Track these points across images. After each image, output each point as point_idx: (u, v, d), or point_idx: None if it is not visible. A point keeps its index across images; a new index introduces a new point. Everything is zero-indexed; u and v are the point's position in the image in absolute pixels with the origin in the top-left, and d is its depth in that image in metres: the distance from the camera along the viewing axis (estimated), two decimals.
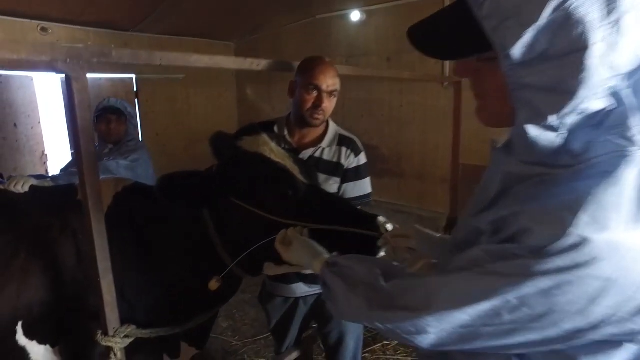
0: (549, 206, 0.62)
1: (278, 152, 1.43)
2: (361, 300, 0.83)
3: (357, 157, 1.89)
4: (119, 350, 1.31)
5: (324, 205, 1.37)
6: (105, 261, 1.22)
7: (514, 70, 0.64)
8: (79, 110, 1.10)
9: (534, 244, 0.61)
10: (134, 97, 4.47)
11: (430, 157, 3.99)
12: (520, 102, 0.67)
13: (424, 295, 0.72)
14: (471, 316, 0.66)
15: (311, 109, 1.77)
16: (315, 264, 1.04)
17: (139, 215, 1.47)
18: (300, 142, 1.89)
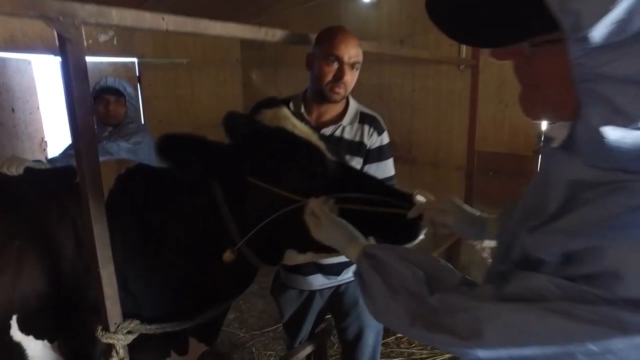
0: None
1: (301, 128, 1.30)
2: (403, 312, 0.75)
3: (380, 136, 1.77)
4: (121, 347, 1.20)
5: (355, 183, 1.23)
6: (105, 250, 1.11)
7: (591, 57, 0.51)
8: (75, 78, 0.97)
9: (628, 296, 0.52)
10: (136, 82, 4.32)
11: (444, 144, 3.85)
12: (592, 97, 0.54)
13: (474, 322, 0.64)
14: (535, 354, 0.58)
15: (331, 83, 1.63)
16: (351, 250, 0.94)
17: (144, 200, 1.35)
18: (319, 120, 1.76)
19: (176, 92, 4.65)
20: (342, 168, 1.27)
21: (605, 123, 0.53)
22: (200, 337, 1.53)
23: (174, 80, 4.64)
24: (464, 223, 1.13)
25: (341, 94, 1.66)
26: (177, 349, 1.47)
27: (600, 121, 0.54)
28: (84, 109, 0.99)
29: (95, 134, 2.68)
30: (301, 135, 1.27)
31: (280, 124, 1.28)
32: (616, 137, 0.54)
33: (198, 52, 4.81)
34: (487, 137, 3.57)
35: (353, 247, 0.94)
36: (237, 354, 2.92)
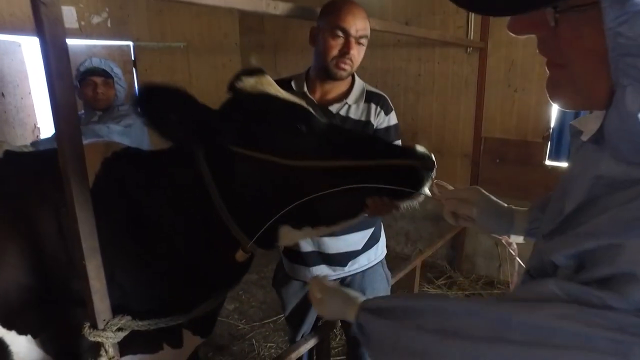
0: None
1: (286, 94, 1.20)
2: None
3: (388, 115, 1.67)
4: (110, 346, 1.10)
5: (348, 141, 1.13)
6: (91, 240, 1.01)
7: (632, 24, 0.41)
8: (52, 47, 0.86)
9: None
10: (131, 67, 4.19)
11: (449, 130, 3.74)
12: (630, 74, 0.44)
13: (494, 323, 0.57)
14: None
15: (337, 58, 1.53)
16: (349, 311, 0.89)
17: (132, 185, 1.24)
18: (323, 99, 1.65)
19: (173, 77, 4.52)
20: (332, 128, 1.17)
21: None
22: (195, 330, 1.44)
23: (171, 65, 4.50)
24: (490, 216, 1.03)
25: (347, 70, 1.55)
26: (171, 342, 1.38)
27: (637, 103, 0.45)
28: (63, 84, 0.88)
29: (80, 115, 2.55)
30: (284, 97, 1.17)
31: (262, 89, 1.18)
32: None
33: (195, 36, 4.66)
34: (494, 123, 3.46)
35: (350, 308, 0.89)
36: (236, 346, 2.84)
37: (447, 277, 3.61)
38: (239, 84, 1.19)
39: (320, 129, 1.14)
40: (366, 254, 1.81)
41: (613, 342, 0.45)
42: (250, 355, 2.75)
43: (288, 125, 1.11)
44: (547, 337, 0.50)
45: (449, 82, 3.65)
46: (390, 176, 1.04)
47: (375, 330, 0.79)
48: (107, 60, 2.58)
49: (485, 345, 0.56)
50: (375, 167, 1.06)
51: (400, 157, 1.07)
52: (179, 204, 1.23)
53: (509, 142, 3.40)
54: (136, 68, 4.23)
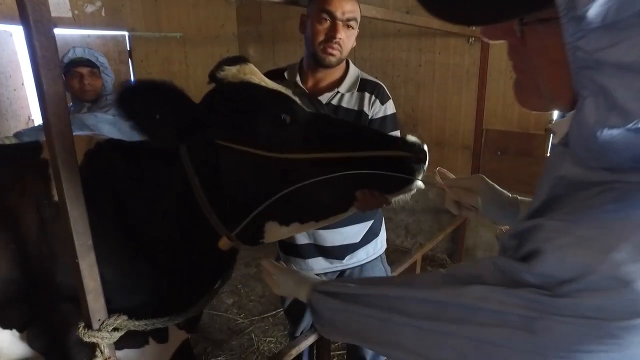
0: (583, 225, 0.49)
1: (270, 83, 1.15)
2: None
3: (384, 105, 1.61)
4: (106, 346, 1.06)
5: (335, 131, 1.08)
6: (84, 237, 0.97)
7: (589, 39, 0.44)
8: (36, 32, 0.81)
9: (543, 272, 0.51)
10: (127, 57, 4.11)
11: (450, 122, 3.69)
12: (588, 87, 0.47)
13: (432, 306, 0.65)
14: None
15: (324, 42, 1.48)
16: (301, 291, 0.96)
17: (116, 177, 1.20)
18: (315, 88, 1.61)
19: (170, 68, 4.45)
20: (319, 117, 1.12)
21: (600, 119, 0.46)
22: (180, 325, 1.41)
23: (167, 55, 4.43)
24: (494, 205, 1.00)
25: (336, 55, 1.50)
26: (157, 337, 1.35)
27: (595, 117, 0.47)
28: (50, 74, 0.84)
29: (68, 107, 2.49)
30: (267, 85, 1.13)
31: (245, 78, 1.14)
32: (610, 136, 0.46)
33: (192, 27, 4.58)
34: (495, 115, 3.41)
35: (302, 288, 0.95)
36: (235, 341, 2.82)
37: None
38: (221, 74, 1.15)
39: (306, 119, 1.09)
40: (364, 248, 1.77)
41: (522, 318, 0.51)
42: (250, 349, 2.73)
43: (271, 116, 1.06)
44: (472, 315, 0.57)
45: (449, 73, 3.59)
46: (380, 168, 1.00)
47: (326, 312, 0.86)
48: (92, 50, 2.48)
49: (425, 324, 0.64)
50: (363, 158, 1.01)
51: (390, 147, 1.02)
52: (162, 197, 1.19)
53: (510, 134, 3.36)
54: (132, 59, 4.16)
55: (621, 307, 0.44)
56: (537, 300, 0.50)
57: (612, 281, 0.45)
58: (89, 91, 2.41)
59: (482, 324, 0.56)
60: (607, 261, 0.45)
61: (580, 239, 0.49)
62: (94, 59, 2.43)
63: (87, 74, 2.40)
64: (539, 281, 0.51)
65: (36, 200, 1.15)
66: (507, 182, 3.86)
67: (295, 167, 1.03)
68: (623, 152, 0.47)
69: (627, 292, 0.44)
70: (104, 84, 2.48)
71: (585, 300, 0.47)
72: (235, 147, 1.04)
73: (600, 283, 0.46)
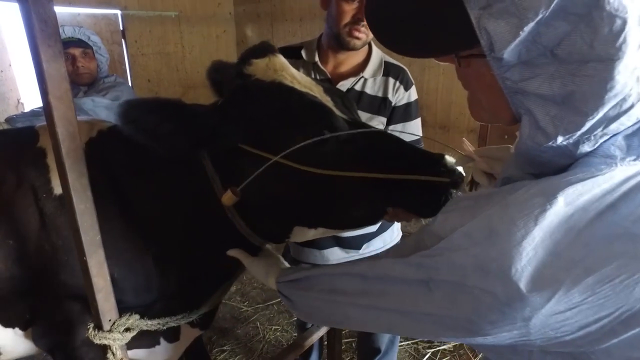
0: (470, 198, 0.62)
1: (302, 80, 1.07)
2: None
3: (408, 91, 1.53)
4: (118, 348, 0.99)
5: (372, 146, 1.01)
6: (92, 233, 0.90)
7: (512, 72, 0.52)
8: (34, 5, 0.70)
9: (433, 232, 0.63)
10: (120, 37, 3.95)
11: (456, 105, 3.60)
12: (522, 109, 0.55)
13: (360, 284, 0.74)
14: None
15: (350, 25, 1.38)
16: (270, 281, 1.01)
17: (121, 168, 1.11)
18: (336, 71, 1.51)
19: (165, 48, 4.30)
20: (354, 127, 1.04)
21: (530, 137, 0.54)
22: (193, 323, 1.35)
23: (162, 35, 4.27)
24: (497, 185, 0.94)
25: (362, 39, 1.41)
26: (168, 336, 1.29)
27: (527, 134, 0.55)
28: (51, 52, 0.74)
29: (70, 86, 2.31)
30: (303, 89, 1.03)
31: (276, 76, 1.04)
32: (536, 152, 0.55)
33: (187, 6, 4.41)
34: None
35: (271, 279, 1.01)
36: (240, 329, 2.77)
37: None
38: (248, 69, 1.05)
39: (344, 132, 1.00)
40: (381, 237, 1.70)
41: (417, 281, 0.61)
42: (256, 338, 2.68)
43: (310, 133, 0.97)
44: (390, 288, 0.66)
45: None
46: (414, 190, 0.95)
47: (294, 299, 0.92)
48: (83, 28, 2.31)
49: (362, 300, 0.71)
50: (398, 180, 0.95)
51: (428, 169, 0.96)
52: (177, 194, 1.11)
53: None
54: (125, 39, 4.00)
55: (474, 261, 0.53)
56: (423, 256, 0.60)
57: (467, 241, 0.55)
58: (84, 74, 2.28)
59: (399, 294, 0.64)
60: (467, 224, 0.56)
61: (461, 207, 0.60)
62: (86, 38, 2.27)
63: (80, 56, 2.25)
64: (430, 241, 0.61)
65: (34, 194, 1.06)
66: None
67: (327, 180, 0.97)
68: (548, 164, 0.56)
69: (471, 249, 0.54)
70: (99, 65, 2.34)
71: (448, 259, 0.56)
72: (265, 156, 0.96)
73: (457, 242, 0.56)
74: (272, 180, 0.99)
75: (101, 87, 2.27)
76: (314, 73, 1.51)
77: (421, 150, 1.04)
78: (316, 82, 1.11)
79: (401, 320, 0.64)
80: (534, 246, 0.49)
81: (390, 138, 1.08)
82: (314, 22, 4.28)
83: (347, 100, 1.14)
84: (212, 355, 2.49)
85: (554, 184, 0.52)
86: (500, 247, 0.50)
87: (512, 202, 0.53)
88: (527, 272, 0.49)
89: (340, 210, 1.02)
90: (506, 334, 0.52)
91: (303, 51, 1.53)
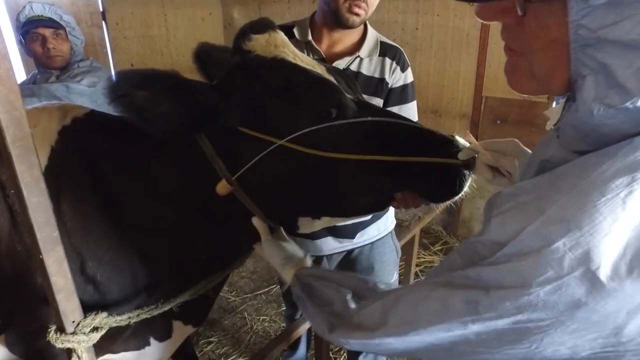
0: (525, 191, 0.53)
1: (304, 58, 1.00)
2: (324, 323, 0.80)
3: (405, 72, 1.48)
4: (84, 350, 0.92)
5: (380, 127, 0.96)
6: (48, 228, 0.82)
7: (593, 17, 0.45)
8: None
9: (491, 239, 0.54)
10: (100, 19, 3.79)
11: (448, 89, 3.52)
12: (589, 66, 0.48)
13: (380, 312, 0.66)
14: (427, 341, 0.58)
15: (350, 1, 1.30)
16: (286, 274, 0.97)
17: (102, 159, 1.02)
18: (330, 51, 1.45)
19: (149, 31, 4.14)
20: (360, 106, 0.98)
21: (598, 98, 0.48)
22: (186, 319, 1.29)
23: (145, 18, 4.10)
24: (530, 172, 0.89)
25: (361, 15, 1.35)
26: (158, 335, 1.23)
27: (593, 95, 0.48)
28: None
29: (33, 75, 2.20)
30: (306, 67, 0.96)
31: (278, 52, 0.98)
32: (604, 117, 0.48)
33: None
34: (496, 82, 3.26)
35: (287, 271, 0.97)
36: (228, 320, 2.72)
37: (443, 242, 3.53)
38: (248, 45, 0.98)
39: (351, 111, 0.95)
40: (376, 225, 1.66)
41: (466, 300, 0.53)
42: (244, 329, 2.64)
43: (316, 111, 0.92)
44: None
45: (448, 37, 3.40)
46: (426, 174, 0.92)
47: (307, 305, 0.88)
48: (54, 6, 2.11)
49: None
50: (408, 163, 0.91)
51: (439, 150, 0.92)
52: (169, 185, 1.04)
53: (511, 102, 3.22)
54: (106, 21, 3.84)
55: (536, 269, 0.46)
56: (479, 274, 0.52)
57: (538, 240, 0.47)
58: (56, 57, 2.11)
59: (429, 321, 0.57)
60: (536, 222, 0.48)
61: (520, 204, 0.52)
62: (58, 17, 2.09)
63: (50, 36, 2.08)
64: (489, 250, 0.53)
65: (2, 189, 0.97)
66: None
67: (335, 164, 0.91)
68: (610, 135, 0.48)
69: (547, 252, 0.46)
70: (73, 48, 2.18)
71: (510, 267, 0.49)
72: (267, 139, 0.91)
73: (527, 242, 0.48)
74: (273, 165, 0.93)
75: (76, 72, 2.12)
76: (308, 52, 1.44)
77: (431, 131, 0.98)
78: (316, 60, 1.05)
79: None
80: (626, 236, 0.42)
81: (398, 118, 1.03)
82: (303, 4, 4.15)
83: (351, 80, 1.09)
84: (199, 347, 2.45)
85: (634, 159, 0.44)
86: (585, 243, 0.43)
87: (589, 187, 0.45)
88: (622, 268, 0.42)
89: (347, 196, 0.98)
90: (588, 343, 0.45)
91: (295, 30, 1.46)
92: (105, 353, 1.16)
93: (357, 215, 1.10)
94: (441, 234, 3.66)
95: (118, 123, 1.13)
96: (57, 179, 0.95)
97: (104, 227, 1.01)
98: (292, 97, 0.93)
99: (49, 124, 1.00)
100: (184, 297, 1.13)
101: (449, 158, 0.90)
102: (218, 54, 1.16)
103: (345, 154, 0.90)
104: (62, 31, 2.12)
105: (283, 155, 0.91)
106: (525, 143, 3.32)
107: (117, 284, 1.05)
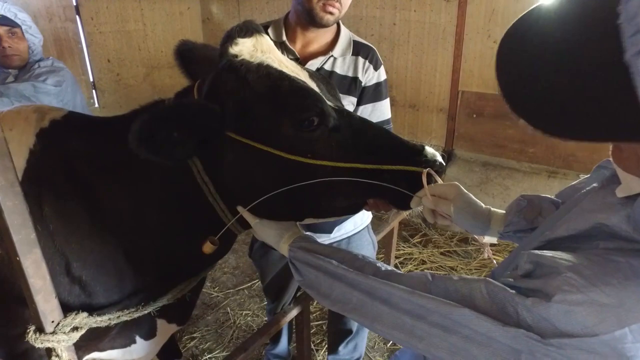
0: (601, 289, 0.54)
1: (289, 64, 1.03)
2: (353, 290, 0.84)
3: (377, 71, 1.51)
4: (64, 350, 0.94)
5: (357, 134, 1.01)
6: (24, 230, 0.83)
7: None
8: None
9: (546, 318, 0.57)
10: (74, 14, 3.71)
11: (425, 83, 3.58)
12: None
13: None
14: None
15: (323, 0, 1.32)
16: (283, 250, 0.99)
17: (84, 162, 1.03)
18: (305, 50, 1.47)
19: (125, 26, 4.07)
20: (339, 114, 1.02)
21: None
22: (170, 318, 1.31)
23: (120, 12, 4.03)
24: (467, 215, 0.97)
25: (335, 14, 1.37)
26: (143, 333, 1.25)
27: None
28: None
29: None
30: (290, 74, 0.99)
31: (264, 58, 1.00)
32: None
33: None
34: (472, 76, 3.32)
35: (283, 247, 0.98)
36: (211, 315, 2.74)
37: (422, 234, 3.60)
38: (234, 49, 1.00)
39: (333, 119, 0.99)
40: (352, 219, 1.69)
41: (509, 348, 0.59)
42: (227, 324, 2.66)
43: (299, 120, 0.95)
44: (459, 328, 0.65)
45: (425, 32, 3.45)
46: (394, 181, 0.96)
47: (308, 276, 0.91)
48: (7, 4, 2.05)
49: (408, 319, 0.72)
50: (379, 170, 0.96)
51: (408, 159, 0.97)
52: (149, 187, 1.05)
53: (486, 96, 3.29)
54: (80, 16, 3.76)
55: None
56: (529, 337, 0.56)
57: (610, 350, 0.50)
58: (13, 56, 2.06)
59: (467, 338, 0.63)
60: (615, 334, 0.50)
61: (594, 303, 0.53)
62: (13, 15, 2.03)
63: (4, 35, 2.02)
64: (534, 322, 0.56)
65: None
66: (481, 145, 3.82)
67: (311, 169, 0.96)
68: None
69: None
70: (30, 47, 2.12)
71: (575, 356, 0.52)
72: (249, 144, 0.95)
73: (597, 348, 0.51)
74: (252, 168, 0.97)
75: (38, 72, 2.07)
76: (283, 52, 1.46)
77: (403, 141, 1.03)
78: (299, 65, 1.08)
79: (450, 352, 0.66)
80: None
81: (373, 127, 1.07)
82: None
83: (331, 86, 1.12)
84: (182, 343, 2.46)
85: None
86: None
87: None
88: None
89: (322, 200, 1.01)
90: None
91: (270, 30, 1.47)
92: (93, 351, 1.17)
93: (330, 216, 1.14)
94: (420, 226, 3.73)
95: (97, 125, 1.14)
96: (37, 181, 0.95)
97: (86, 228, 1.02)
98: (276, 104, 0.96)
99: (25, 127, 1.00)
100: (162, 302, 1.16)
101: (416, 167, 0.95)
102: (199, 52, 1.17)
103: (325, 161, 0.95)
104: (17, 29, 2.07)
105: (261, 158, 0.94)
106: (501, 136, 3.44)
107: (103, 284, 1.06)
